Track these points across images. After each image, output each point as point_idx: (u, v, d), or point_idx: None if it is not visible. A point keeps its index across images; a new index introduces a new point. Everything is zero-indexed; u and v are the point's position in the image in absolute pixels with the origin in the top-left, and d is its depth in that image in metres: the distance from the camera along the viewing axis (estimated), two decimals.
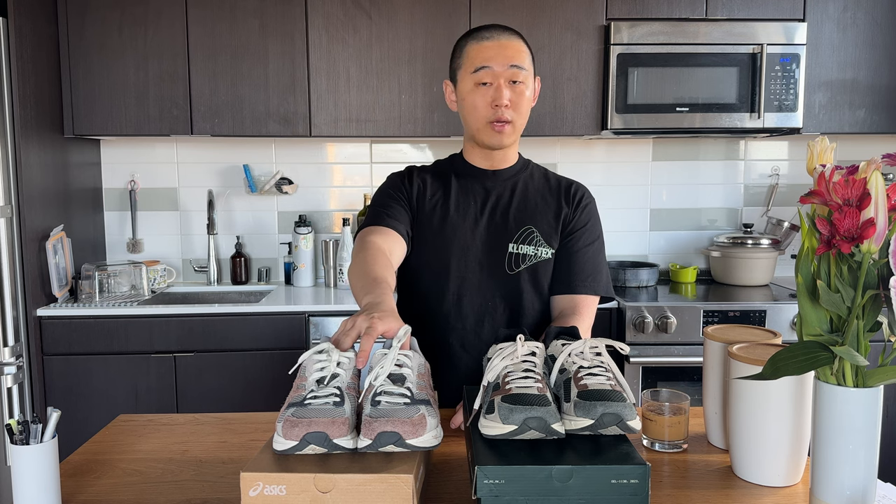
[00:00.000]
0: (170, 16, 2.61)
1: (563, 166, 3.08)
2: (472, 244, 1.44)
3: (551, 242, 1.46)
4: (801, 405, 1.00)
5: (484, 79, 1.37)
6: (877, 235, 0.82)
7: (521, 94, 1.39)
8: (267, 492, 0.86)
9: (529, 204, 1.47)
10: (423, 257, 1.46)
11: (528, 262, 1.44)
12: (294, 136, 2.70)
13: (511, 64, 1.37)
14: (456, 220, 1.45)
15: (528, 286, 1.45)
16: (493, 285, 1.44)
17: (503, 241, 1.44)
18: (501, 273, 1.44)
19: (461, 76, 1.42)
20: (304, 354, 1.07)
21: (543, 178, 1.54)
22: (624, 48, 2.62)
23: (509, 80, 1.37)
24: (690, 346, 2.49)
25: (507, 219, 1.46)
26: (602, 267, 1.50)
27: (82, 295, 2.60)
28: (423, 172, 1.52)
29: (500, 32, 1.39)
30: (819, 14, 2.70)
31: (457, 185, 1.49)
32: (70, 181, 2.74)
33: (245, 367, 2.51)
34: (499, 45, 1.38)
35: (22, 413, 2.41)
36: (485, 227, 1.45)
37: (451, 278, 1.44)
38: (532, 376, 1.00)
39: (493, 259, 1.44)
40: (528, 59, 1.41)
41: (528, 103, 1.41)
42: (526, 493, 0.85)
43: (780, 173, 3.12)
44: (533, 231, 1.45)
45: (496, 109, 1.38)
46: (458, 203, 1.47)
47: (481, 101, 1.38)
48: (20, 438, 0.97)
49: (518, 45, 1.40)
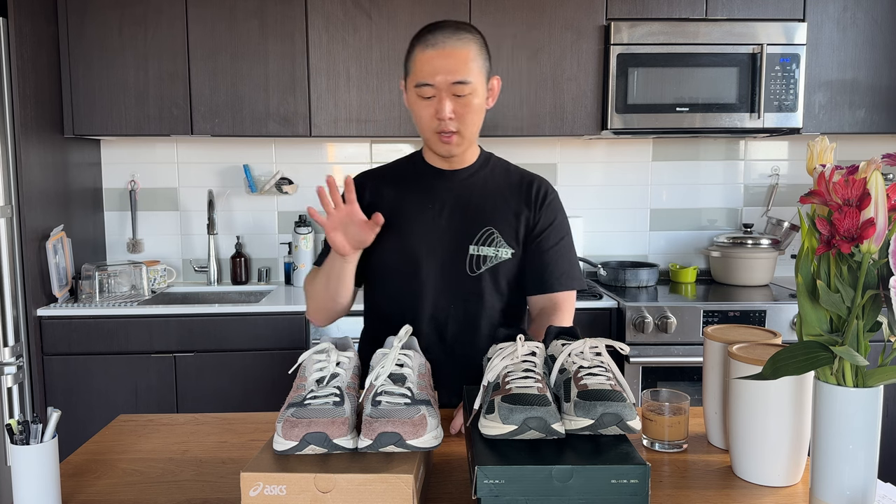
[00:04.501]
0: (170, 16, 2.61)
1: (563, 166, 3.08)
2: (432, 247, 1.44)
3: (511, 243, 1.45)
4: (801, 405, 1.00)
5: (426, 94, 1.35)
6: (877, 235, 0.82)
7: (466, 105, 1.35)
8: (267, 492, 0.86)
9: (489, 204, 1.46)
10: (384, 262, 1.46)
11: (489, 264, 1.44)
12: (294, 136, 2.70)
13: (454, 80, 1.33)
14: (415, 223, 1.45)
15: (489, 287, 1.44)
16: (454, 287, 1.43)
17: (463, 243, 1.43)
18: (463, 275, 1.43)
19: (408, 83, 1.40)
20: (304, 354, 1.07)
21: (505, 173, 1.52)
22: (624, 48, 2.62)
23: (452, 93, 1.34)
24: (690, 346, 2.49)
25: (467, 220, 1.44)
26: (575, 261, 1.51)
27: (82, 295, 2.60)
28: (376, 178, 1.52)
29: (447, 36, 1.34)
30: (819, 14, 2.70)
31: (415, 187, 1.48)
32: (70, 181, 2.74)
33: (245, 367, 2.51)
34: (442, 55, 1.32)
35: (22, 413, 2.41)
36: (445, 230, 1.44)
37: (413, 281, 1.44)
38: (532, 376, 1.00)
39: (453, 261, 1.43)
40: (478, 65, 1.36)
41: (475, 112, 1.38)
42: (526, 493, 0.86)
43: (780, 173, 3.12)
44: (493, 232, 1.44)
45: (440, 122, 1.36)
46: (416, 206, 1.46)
47: (425, 113, 1.37)
48: (20, 438, 0.97)
49: (465, 54, 1.34)
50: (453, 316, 1.44)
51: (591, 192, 3.11)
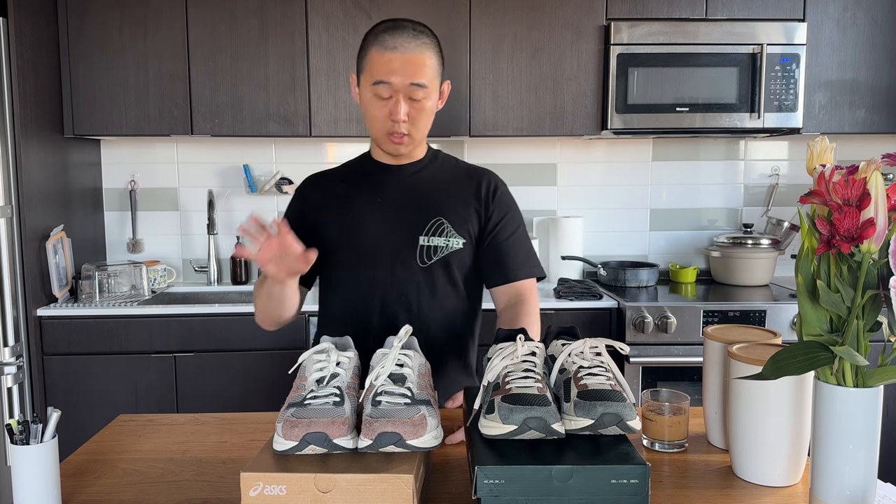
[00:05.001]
0: (170, 16, 2.61)
1: (563, 166, 3.08)
2: (382, 240, 1.45)
3: (462, 233, 1.46)
4: (801, 405, 1.00)
5: (383, 94, 1.35)
6: (877, 235, 0.82)
7: (420, 108, 1.38)
8: (267, 492, 0.86)
9: (438, 195, 1.48)
10: (335, 259, 1.47)
11: (440, 254, 1.45)
12: (294, 136, 2.70)
13: (412, 82, 1.34)
14: (365, 218, 1.46)
15: (441, 278, 1.46)
16: (406, 279, 1.44)
17: (413, 235, 1.44)
18: (414, 267, 1.44)
19: (363, 81, 1.40)
20: (304, 354, 1.07)
21: (453, 167, 1.54)
22: (624, 48, 2.62)
23: (408, 95, 1.35)
24: (690, 346, 2.49)
25: (416, 212, 1.46)
26: (532, 250, 1.53)
27: (82, 295, 2.60)
28: (322, 180, 1.54)
29: (406, 40, 1.34)
30: (819, 14, 2.70)
31: (364, 184, 1.49)
32: (70, 181, 2.74)
33: (245, 367, 2.51)
34: (401, 58, 1.33)
35: (22, 413, 2.41)
36: (394, 223, 1.45)
37: (365, 276, 1.45)
38: (532, 376, 1.00)
39: (404, 253, 1.44)
40: (434, 69, 1.38)
41: (428, 115, 1.41)
42: (526, 493, 0.85)
43: (780, 173, 3.12)
44: (443, 222, 1.45)
45: (393, 123, 1.37)
46: (365, 202, 1.47)
47: (379, 114, 1.38)
48: (20, 438, 0.97)
49: (422, 59, 1.35)
50: (405, 308, 1.45)
51: (591, 192, 3.10)
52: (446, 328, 1.49)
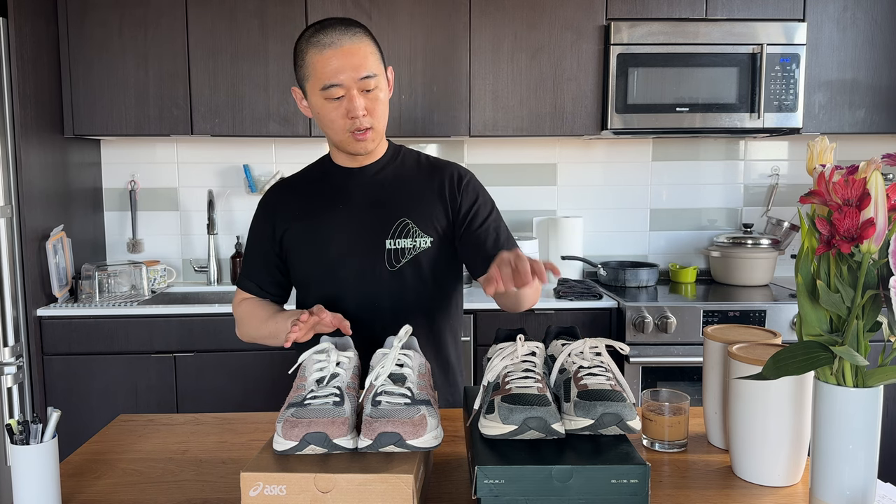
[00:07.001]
0: (170, 16, 2.61)
1: (563, 166, 3.08)
2: (348, 247, 1.42)
3: (429, 231, 1.42)
4: (801, 405, 1.00)
5: (335, 95, 1.32)
6: (876, 235, 0.82)
7: (375, 99, 1.35)
8: (267, 492, 0.86)
9: (401, 196, 1.44)
10: (304, 269, 1.46)
11: (408, 256, 1.41)
12: (294, 136, 2.70)
13: (361, 76, 1.31)
14: (328, 226, 1.43)
15: (412, 279, 1.42)
16: (375, 285, 1.41)
17: (379, 239, 1.41)
18: (383, 271, 1.41)
19: (310, 89, 1.36)
20: (304, 354, 1.07)
21: (415, 164, 1.50)
22: (624, 48, 2.62)
23: (361, 89, 1.33)
24: (690, 346, 2.49)
25: (380, 215, 1.42)
26: (509, 233, 1.48)
27: (82, 295, 2.60)
28: (285, 189, 1.52)
29: (341, 35, 1.32)
30: (819, 14, 2.70)
31: (325, 190, 1.47)
32: (70, 181, 2.74)
33: (245, 367, 2.51)
34: (342, 53, 1.30)
35: (22, 413, 2.41)
36: (358, 228, 1.42)
37: (334, 284, 1.42)
38: (532, 376, 1.00)
39: (371, 259, 1.41)
40: (376, 57, 1.35)
41: (383, 104, 1.37)
42: (526, 493, 0.86)
43: (779, 173, 3.12)
44: (408, 223, 1.42)
45: (353, 121, 1.34)
46: (327, 208, 1.44)
47: (337, 115, 1.34)
48: (20, 438, 0.97)
49: (363, 48, 1.32)
50: (379, 314, 1.41)
51: (591, 192, 3.10)
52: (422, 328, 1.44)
